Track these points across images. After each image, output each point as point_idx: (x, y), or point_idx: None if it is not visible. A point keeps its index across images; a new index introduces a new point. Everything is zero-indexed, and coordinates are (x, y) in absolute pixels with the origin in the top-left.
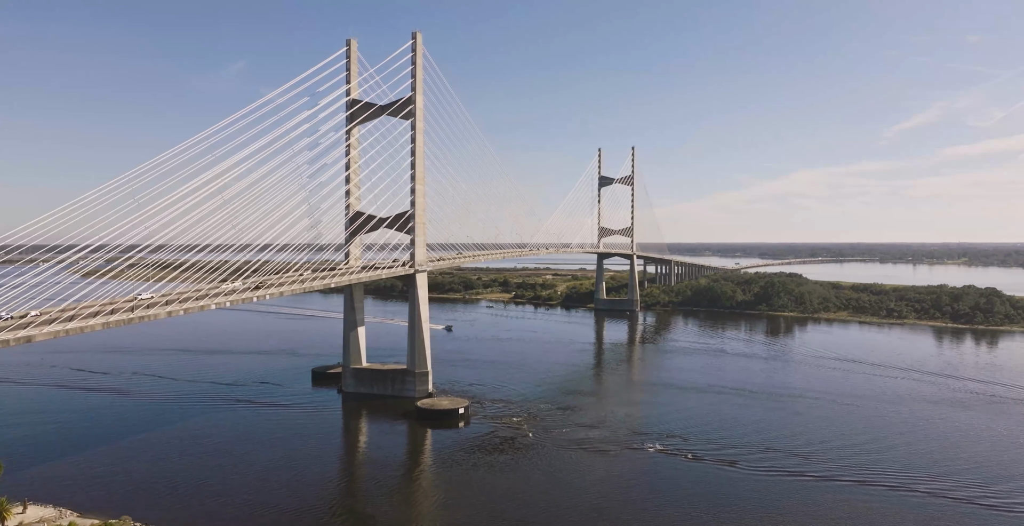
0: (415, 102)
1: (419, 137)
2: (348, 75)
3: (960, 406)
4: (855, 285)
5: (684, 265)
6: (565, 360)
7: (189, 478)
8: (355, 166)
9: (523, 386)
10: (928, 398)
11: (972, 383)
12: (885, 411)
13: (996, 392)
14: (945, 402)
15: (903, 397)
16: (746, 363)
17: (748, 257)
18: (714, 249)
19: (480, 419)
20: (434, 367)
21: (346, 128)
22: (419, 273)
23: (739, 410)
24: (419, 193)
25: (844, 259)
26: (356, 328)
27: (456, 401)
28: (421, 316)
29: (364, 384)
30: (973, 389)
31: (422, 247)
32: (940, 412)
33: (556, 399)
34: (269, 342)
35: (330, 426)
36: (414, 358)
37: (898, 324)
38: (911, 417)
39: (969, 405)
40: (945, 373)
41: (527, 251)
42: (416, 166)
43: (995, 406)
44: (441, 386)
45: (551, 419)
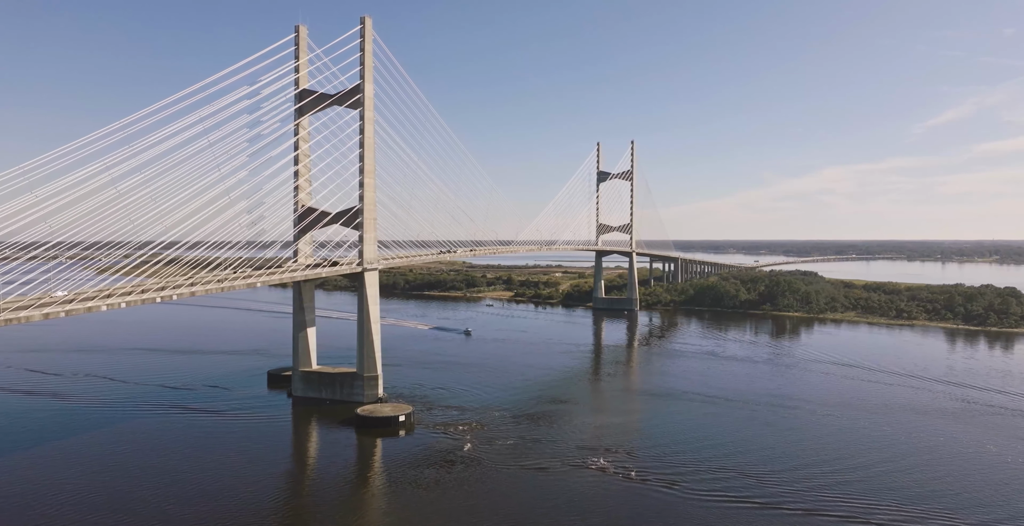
0: (363, 91)
1: (368, 128)
2: (297, 63)
3: (951, 417)
4: (867, 284)
5: (694, 263)
6: (544, 363)
7: (113, 493)
8: (305, 159)
9: (488, 391)
10: (919, 408)
11: (971, 391)
12: (865, 423)
13: (995, 402)
14: (936, 412)
15: (891, 406)
16: (734, 368)
17: (773, 254)
18: (739, 247)
19: (425, 427)
20: (403, 369)
21: (295, 119)
22: (368, 272)
23: (708, 420)
24: (368, 187)
25: (871, 257)
26: (305, 328)
27: (399, 407)
28: (370, 317)
29: (313, 388)
30: (971, 398)
31: (372, 244)
32: (927, 424)
33: (517, 406)
34: (229, 341)
35: (270, 436)
36: (363, 361)
37: (907, 325)
38: (893, 430)
39: (962, 416)
40: (945, 379)
41: (507, 249)
42: (365, 159)
43: (991, 418)
44: (399, 389)
45: (501, 429)
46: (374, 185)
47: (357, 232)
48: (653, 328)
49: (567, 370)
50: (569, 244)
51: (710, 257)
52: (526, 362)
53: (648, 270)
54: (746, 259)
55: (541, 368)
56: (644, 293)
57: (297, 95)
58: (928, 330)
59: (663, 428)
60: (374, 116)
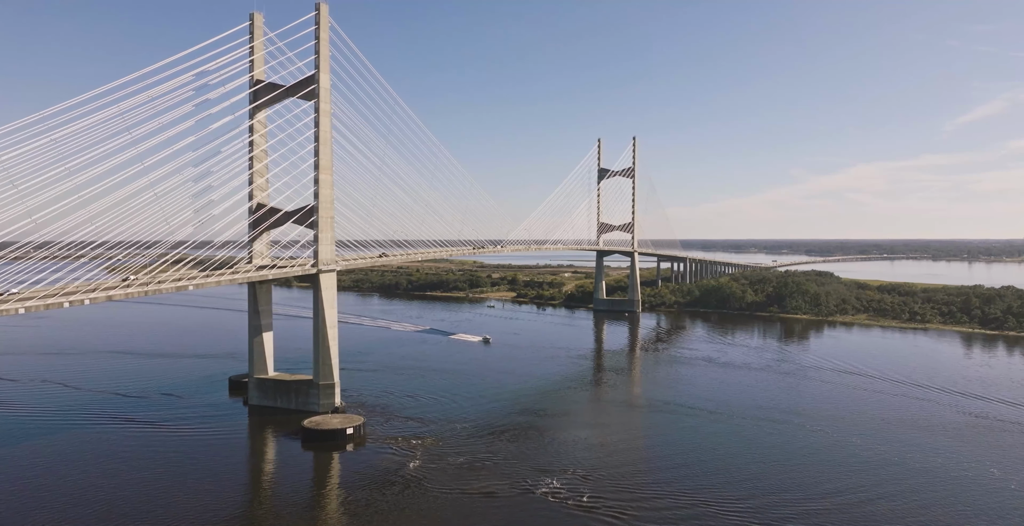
0: (318, 82)
1: (324, 121)
2: (252, 53)
3: (955, 433)
4: (882, 285)
5: (704, 262)
6: (527, 370)
7: (44, 515)
8: (262, 154)
9: (459, 400)
10: (920, 422)
11: (981, 403)
12: (858, 440)
13: (1007, 416)
14: (938, 428)
15: (889, 420)
16: (728, 375)
17: (795, 254)
18: (761, 246)
19: (375, 441)
20: (377, 374)
21: (250, 112)
22: (324, 273)
23: (683, 435)
24: (324, 184)
25: (896, 256)
26: (261, 333)
27: (350, 419)
28: (326, 321)
29: (268, 397)
30: (980, 411)
31: (327, 244)
32: (926, 442)
33: (484, 418)
34: (193, 342)
35: (216, 451)
36: (319, 368)
37: (921, 329)
38: (887, 449)
39: (967, 432)
40: (952, 389)
41: (494, 249)
42: (320, 153)
43: (1000, 435)
44: (364, 397)
45: (457, 445)
46: (331, 182)
47: (313, 231)
48: (652, 331)
49: (549, 378)
50: (561, 243)
51: (722, 256)
52: (508, 368)
53: (656, 270)
54: (765, 259)
55: (522, 375)
56: (649, 294)
57: (252, 86)
58: (942, 334)
59: (632, 444)
60: (330, 109)
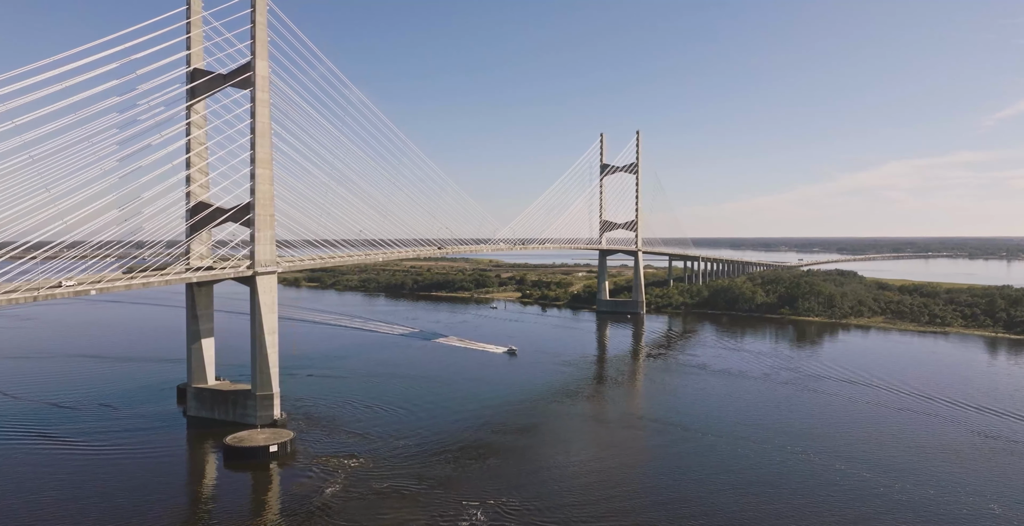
0: (254, 69)
1: (261, 111)
2: (189, 39)
3: (957, 457)
4: (904, 285)
5: (720, 262)
6: (503, 378)
7: None
8: (200, 148)
9: (415, 413)
10: (919, 442)
11: (993, 419)
12: (842, 465)
13: (1020, 436)
14: (939, 449)
15: (883, 440)
16: (717, 385)
17: (827, 252)
18: (792, 244)
19: (303, 459)
20: (340, 381)
21: (187, 102)
22: (262, 276)
23: (638, 458)
24: (262, 179)
25: (930, 254)
26: (200, 339)
27: (278, 434)
28: (264, 327)
29: (206, 407)
30: (991, 429)
31: (266, 244)
32: (922, 468)
33: (433, 435)
34: (145, 345)
35: (137, 467)
36: (257, 378)
37: (940, 333)
38: (873, 476)
39: (973, 456)
40: (961, 402)
41: (469, 248)
42: (257, 147)
43: (1010, 460)
44: (313, 409)
45: (389, 466)
46: (270, 177)
47: (250, 230)
48: (652, 335)
49: (526, 387)
50: (551, 242)
51: (738, 255)
52: (485, 376)
53: (668, 270)
54: (793, 257)
55: (498, 384)
56: (657, 295)
57: (189, 75)
58: (964, 339)
59: (584, 467)
60: (269, 98)
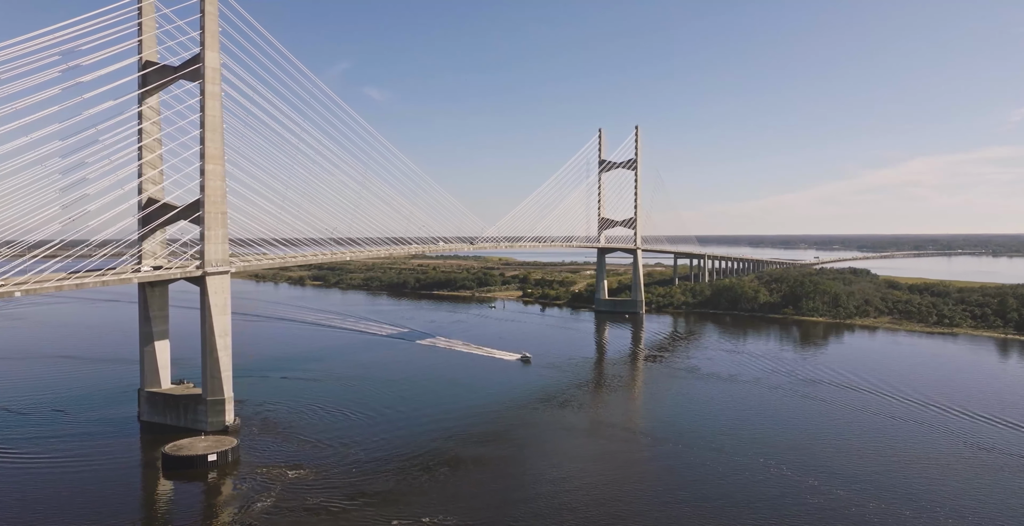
0: (203, 61)
1: (212, 105)
2: (141, 30)
3: (935, 471)
4: (914, 284)
5: (726, 259)
6: (483, 383)
7: None
8: (154, 143)
9: (377, 420)
10: (899, 454)
11: (985, 428)
12: (809, 482)
13: (1014, 447)
14: (920, 463)
15: (864, 452)
16: (703, 390)
17: (847, 250)
18: (812, 242)
19: (245, 469)
20: (307, 386)
21: (139, 96)
22: (212, 276)
23: (594, 468)
24: (213, 175)
25: (952, 252)
26: (154, 342)
27: (221, 442)
28: (215, 329)
29: (158, 412)
30: (980, 439)
31: (217, 243)
32: (894, 484)
33: (389, 445)
34: (112, 344)
35: (83, 477)
36: (207, 382)
37: (949, 334)
38: (838, 495)
39: (953, 469)
40: (956, 409)
41: (448, 247)
42: (207, 141)
43: (993, 475)
44: (273, 414)
45: (332, 479)
46: (222, 173)
47: (199, 228)
48: (646, 336)
49: (506, 392)
50: (541, 240)
51: (751, 252)
52: (464, 380)
53: (673, 269)
54: (810, 255)
55: (476, 389)
56: (659, 294)
57: (141, 68)
58: (973, 340)
59: (527, 478)
60: (220, 91)
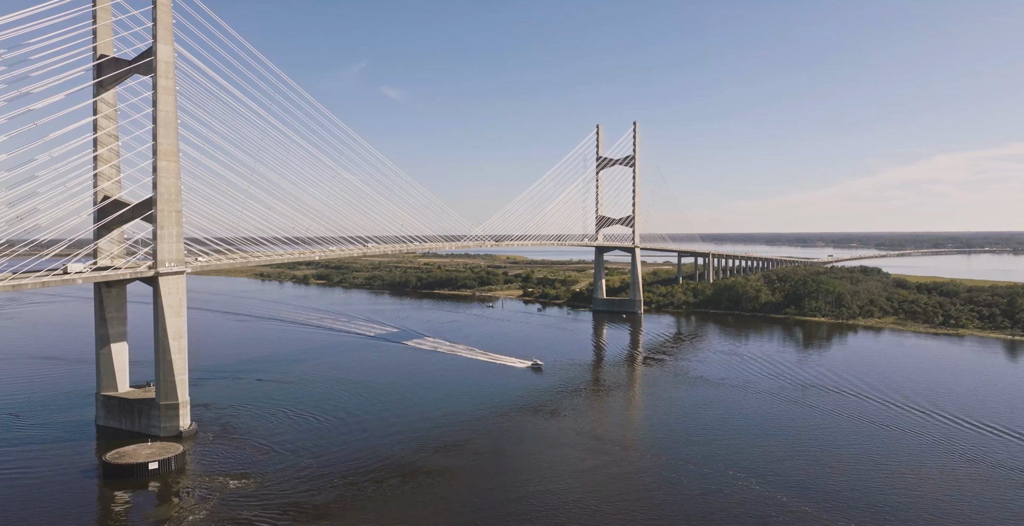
0: (155, 54)
1: (164, 100)
2: (95, 21)
3: (914, 486)
4: (923, 283)
5: (733, 257)
6: (462, 386)
7: None
8: (111, 140)
9: (340, 427)
10: (879, 464)
11: (972, 435)
12: (777, 498)
13: (1004, 457)
14: (899, 475)
15: (842, 463)
16: (687, 395)
17: (865, 247)
18: (829, 239)
19: (190, 477)
20: (279, 388)
21: (95, 91)
22: (166, 276)
23: (556, 485)
24: (166, 172)
25: (971, 250)
26: (110, 344)
27: (166, 449)
28: (169, 332)
29: (114, 417)
30: (968, 449)
31: (171, 242)
32: (869, 501)
33: (346, 454)
34: (79, 345)
35: (24, 485)
36: (161, 386)
37: (954, 335)
38: (806, 512)
39: (932, 484)
40: (946, 414)
41: (427, 246)
42: (159, 137)
43: (984, 488)
44: (234, 418)
45: (273, 492)
46: (176, 170)
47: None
48: (641, 337)
49: (485, 398)
50: (531, 239)
51: (756, 250)
52: (444, 383)
53: (677, 267)
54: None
55: (455, 392)
56: (661, 293)
57: (95, 60)
58: (979, 343)
59: (489, 493)
60: (174, 85)
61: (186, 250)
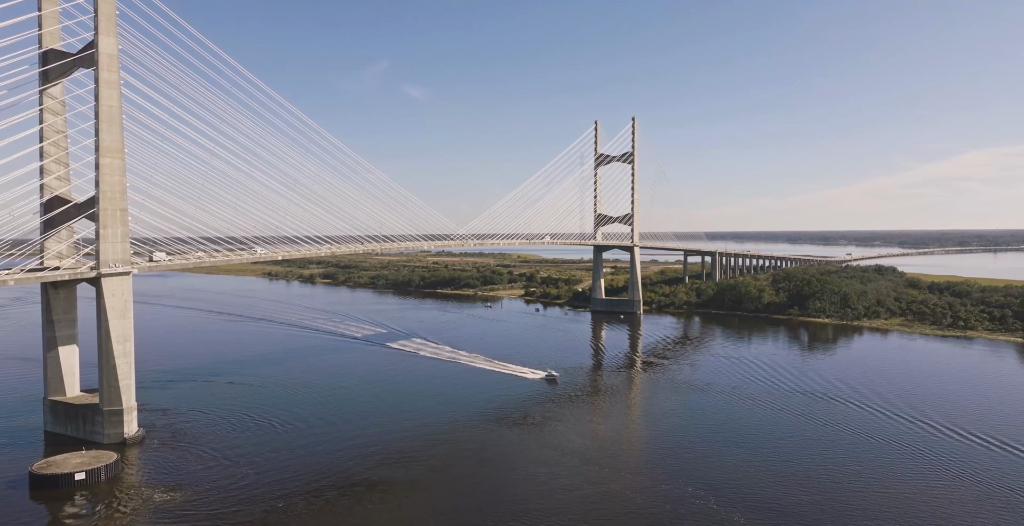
0: (97, 46)
1: (107, 94)
2: (40, 17)
3: (892, 507)
4: (935, 282)
5: (742, 256)
6: (437, 392)
7: None
8: (56, 135)
9: (302, 434)
10: (867, 481)
11: (959, 445)
12: (733, 519)
13: (995, 475)
14: (881, 492)
15: (818, 483)
16: (670, 403)
17: (888, 246)
18: (852, 238)
19: (118, 489)
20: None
21: (40, 85)
22: (109, 277)
23: (503, 502)
24: (110, 169)
25: (999, 248)
26: (57, 347)
27: (98, 458)
28: (112, 335)
29: (61, 423)
30: (962, 464)
31: (115, 242)
32: (842, 519)
33: (291, 464)
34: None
35: None
36: (105, 392)
37: (963, 337)
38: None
39: (912, 502)
40: (938, 424)
41: (405, 245)
42: (101, 133)
43: (977, 510)
44: (191, 424)
45: (200, 505)
46: (121, 167)
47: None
48: (635, 339)
49: (456, 406)
50: (519, 238)
51: (771, 249)
52: (424, 391)
53: (683, 266)
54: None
55: (430, 399)
56: (662, 293)
57: (41, 57)
58: (989, 346)
59: (431, 517)
60: (118, 79)
61: (135, 249)
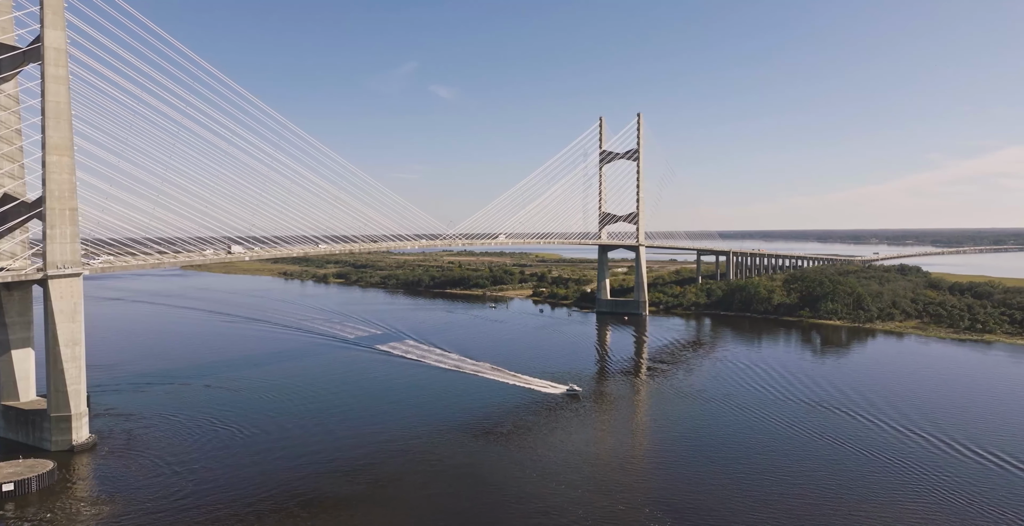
0: (43, 40)
1: (54, 89)
2: None
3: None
4: (957, 283)
5: (757, 256)
6: (420, 400)
7: None
8: (11, 134)
9: (264, 441)
10: (851, 503)
11: (954, 461)
12: None
13: (997, 494)
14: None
15: (798, 507)
16: (656, 412)
17: (921, 244)
18: (884, 236)
19: (52, 499)
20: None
21: None
22: (56, 279)
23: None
24: (58, 168)
25: None
26: (10, 350)
27: (32, 468)
28: (60, 339)
29: (11, 428)
30: (959, 481)
31: (64, 243)
32: None
33: (243, 475)
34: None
35: None
36: (53, 397)
37: (980, 341)
38: None
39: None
40: (939, 437)
41: (388, 244)
42: (48, 130)
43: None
44: (144, 430)
45: (135, 519)
46: (71, 165)
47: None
48: (636, 343)
49: (435, 415)
50: (511, 237)
51: (790, 248)
52: (406, 399)
53: (696, 266)
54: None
55: (412, 407)
56: (671, 294)
57: None
58: (1011, 350)
59: None
60: (66, 74)
61: (85, 250)
